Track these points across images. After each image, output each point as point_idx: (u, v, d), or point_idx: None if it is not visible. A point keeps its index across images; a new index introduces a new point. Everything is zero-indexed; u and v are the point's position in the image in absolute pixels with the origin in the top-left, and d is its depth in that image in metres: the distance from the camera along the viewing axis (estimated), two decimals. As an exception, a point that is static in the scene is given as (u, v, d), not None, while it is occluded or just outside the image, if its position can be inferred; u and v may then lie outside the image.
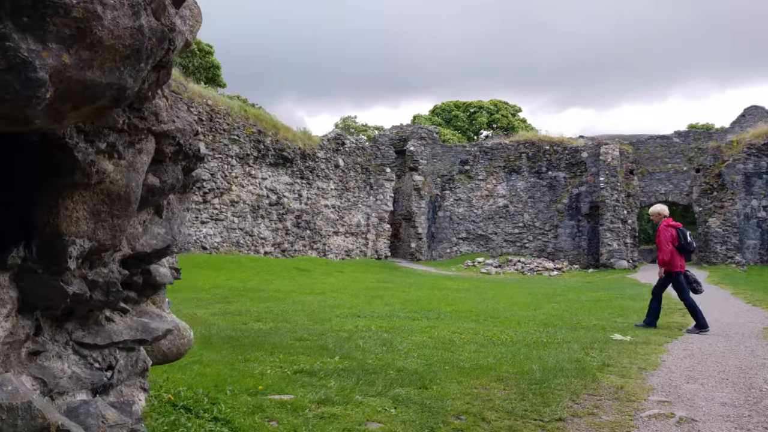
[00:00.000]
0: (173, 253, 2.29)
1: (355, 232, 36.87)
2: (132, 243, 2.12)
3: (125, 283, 2.28)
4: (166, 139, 1.93)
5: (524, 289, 19.84)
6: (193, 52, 42.89)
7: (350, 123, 76.48)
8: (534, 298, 16.13)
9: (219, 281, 16.85)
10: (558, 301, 15.22)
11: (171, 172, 2.02)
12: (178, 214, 2.28)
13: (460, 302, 13.93)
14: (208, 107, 24.91)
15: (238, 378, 4.87)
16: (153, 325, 2.20)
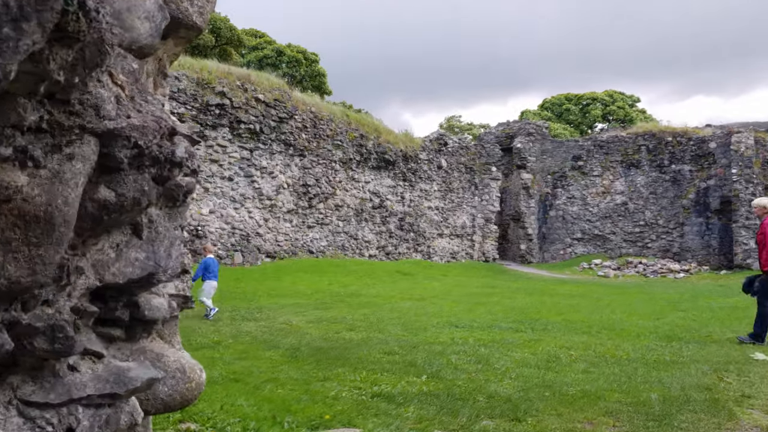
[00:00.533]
0: (160, 282, 1.84)
1: (461, 233, 36.03)
2: (100, 272, 1.69)
3: (107, 320, 1.86)
4: (118, 141, 1.47)
5: (645, 294, 18.16)
6: (300, 61, 44.07)
7: (455, 122, 75.52)
8: (656, 306, 14.60)
9: (321, 286, 16.83)
10: (685, 309, 13.65)
11: (132, 183, 1.56)
12: (166, 233, 1.83)
13: (571, 310, 12.84)
14: (311, 114, 25.25)
15: (306, 404, 4.45)
16: (132, 373, 1.76)
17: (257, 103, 21.95)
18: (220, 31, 34.81)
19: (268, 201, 22.80)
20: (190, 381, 2.10)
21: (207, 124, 20.21)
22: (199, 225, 19.96)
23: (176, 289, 2.20)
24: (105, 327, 1.85)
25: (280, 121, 22.90)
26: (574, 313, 12.31)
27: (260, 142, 22.22)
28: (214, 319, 10.24)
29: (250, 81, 22.23)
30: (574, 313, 12.19)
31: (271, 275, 18.48)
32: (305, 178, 24.61)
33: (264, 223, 22.76)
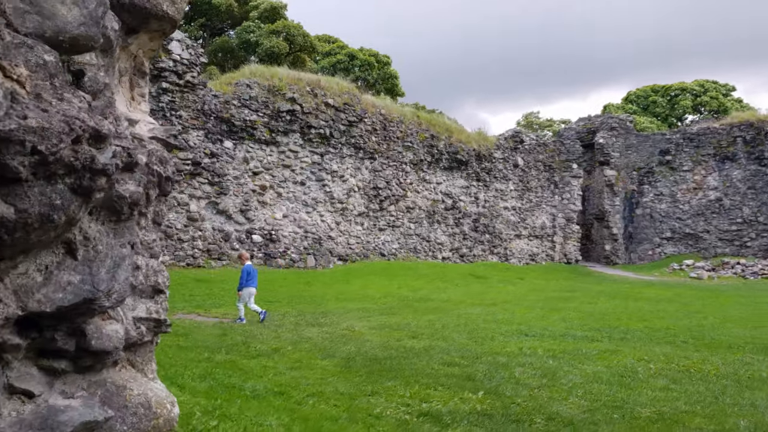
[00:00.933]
0: (103, 309, 1.58)
1: (540, 234, 34.80)
2: (23, 299, 1.46)
3: (50, 350, 1.63)
4: (9, 146, 1.22)
5: (743, 298, 16.66)
6: (372, 64, 44.19)
7: (533, 119, 73.41)
8: (755, 311, 13.31)
9: (390, 289, 16.58)
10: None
11: (38, 196, 1.31)
12: (109, 252, 1.58)
13: (655, 317, 11.90)
14: (381, 116, 25.13)
15: (344, 424, 4.16)
16: (66, 415, 1.52)
17: (327, 108, 22.05)
18: (293, 38, 35.44)
19: (339, 204, 22.85)
20: (156, 417, 1.84)
21: (278, 130, 20.49)
22: (273, 229, 20.25)
23: (147, 311, 1.95)
24: (47, 359, 1.62)
25: (350, 124, 22.90)
26: (659, 319, 11.38)
27: (330, 146, 22.30)
28: (276, 324, 10.19)
29: (320, 86, 22.37)
30: (658, 320, 11.26)
31: (341, 278, 18.43)
32: (376, 180, 24.50)
33: (335, 226, 22.83)
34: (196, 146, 18.06)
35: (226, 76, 21.06)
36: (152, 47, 2.11)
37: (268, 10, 36.44)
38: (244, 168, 19.76)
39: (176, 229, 17.35)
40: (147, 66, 2.13)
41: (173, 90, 17.35)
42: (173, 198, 17.34)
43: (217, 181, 18.73)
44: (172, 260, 17.02)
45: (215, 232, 18.67)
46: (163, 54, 16.68)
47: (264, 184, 20.21)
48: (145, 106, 2.15)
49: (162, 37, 2.09)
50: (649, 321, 11.11)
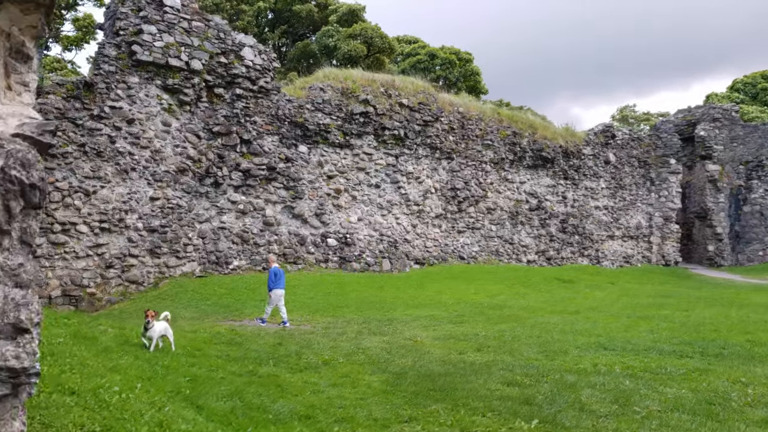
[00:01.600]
0: None
1: (635, 235, 32.65)
2: None
3: None
4: None
5: None
6: (453, 62, 43.40)
7: (629, 113, 69.56)
8: None
9: (466, 295, 15.88)
10: None
11: None
12: None
13: (761, 329, 10.51)
14: (458, 115, 24.40)
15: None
16: None
17: (401, 108, 21.64)
18: (371, 40, 35.36)
19: (415, 206, 22.36)
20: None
21: (352, 132, 20.30)
22: (348, 233, 20.08)
23: (2, 358, 1.54)
24: None
25: (425, 124, 22.35)
26: (765, 332, 10.01)
27: (405, 147, 21.86)
28: (338, 332, 9.84)
29: (394, 86, 21.99)
30: (764, 333, 9.91)
31: (416, 283, 17.92)
32: (453, 181, 23.80)
33: (412, 229, 22.36)
34: (270, 151, 18.19)
35: (301, 80, 21.17)
36: (30, 23, 1.72)
37: (346, 14, 36.60)
38: (319, 172, 19.72)
39: (252, 233, 17.53)
40: (30, 48, 1.73)
41: (247, 96, 17.55)
42: (249, 203, 17.55)
43: (292, 186, 18.78)
44: (248, 264, 17.22)
45: (291, 237, 18.73)
46: (235, 60, 16.90)
47: (338, 188, 20.09)
48: (27, 97, 1.76)
49: (38, 9, 1.69)
50: (753, 334, 9.79)
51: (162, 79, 15.35)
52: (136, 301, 13.82)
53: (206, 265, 16.22)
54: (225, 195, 17.07)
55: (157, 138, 15.31)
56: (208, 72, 16.42)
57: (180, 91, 15.69)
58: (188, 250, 15.73)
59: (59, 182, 13.41)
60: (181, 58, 15.45)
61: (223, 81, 16.92)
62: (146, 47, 14.82)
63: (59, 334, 6.31)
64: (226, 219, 16.99)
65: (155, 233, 15.06)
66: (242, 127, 17.37)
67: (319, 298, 14.17)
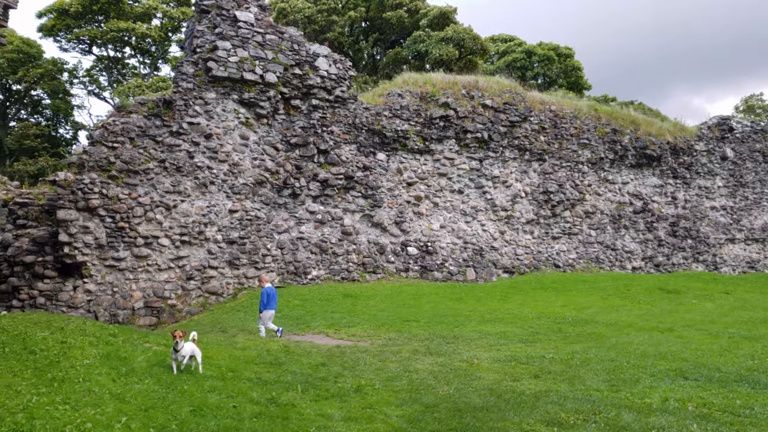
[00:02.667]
0: None
1: (761, 237, 29.35)
2: None
3: None
4: None
5: None
6: (551, 58, 41.47)
7: (755, 102, 63.17)
8: None
9: (552, 308, 14.78)
10: None
11: None
12: None
13: None
14: (551, 113, 23.07)
15: None
16: None
17: (484, 110, 20.76)
18: (463, 42, 34.50)
19: (503, 212, 21.35)
20: None
21: (432, 138, 19.74)
22: (429, 241, 19.51)
23: None
24: None
25: (511, 125, 21.29)
26: None
27: (490, 150, 20.94)
28: (394, 350, 9.34)
29: (478, 87, 21.17)
30: None
31: (499, 294, 17.00)
32: (546, 184, 22.48)
33: (500, 236, 21.36)
34: (348, 160, 18.07)
35: (380, 87, 20.93)
36: None
37: (437, 17, 36.03)
38: (398, 179, 19.34)
39: (331, 243, 17.46)
40: None
41: (324, 106, 17.55)
42: (327, 213, 17.51)
43: (370, 194, 18.55)
44: (327, 274, 17.17)
45: (370, 245, 18.49)
46: (310, 71, 16.94)
47: (419, 195, 19.59)
48: None
49: None
50: None
51: (238, 93, 15.67)
52: (214, 312, 14.13)
53: (285, 275, 16.34)
54: (303, 205, 17.14)
55: (235, 151, 15.63)
56: (284, 84, 16.57)
57: (256, 104, 15.95)
58: (267, 260, 15.92)
59: (141, 197, 14.01)
60: (255, 71, 15.69)
61: (299, 92, 17.02)
62: (221, 63, 15.19)
63: (90, 355, 6.33)
64: (304, 229, 17.05)
65: (234, 245, 15.37)
66: (319, 137, 17.37)
67: (390, 311, 13.76)
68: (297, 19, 34.89)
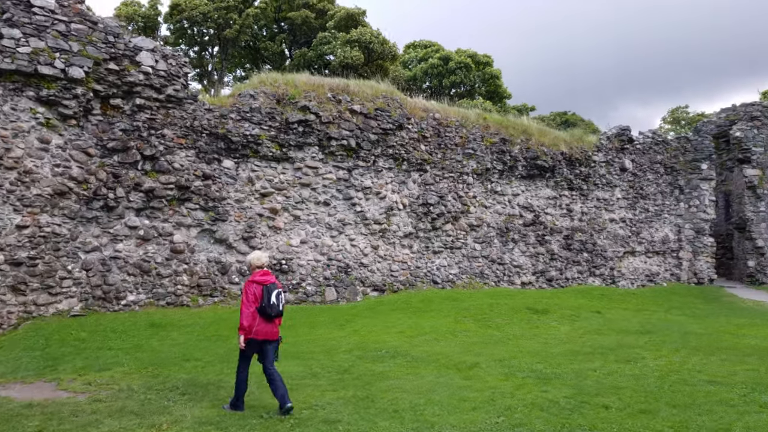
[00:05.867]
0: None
1: (661, 250, 28.80)
2: None
3: None
4: None
5: None
6: (469, 66, 40.56)
7: (681, 115, 64.18)
8: None
9: (381, 337, 13.23)
10: None
11: None
12: None
13: (708, 398, 7.48)
14: (434, 121, 21.74)
15: None
16: None
17: (353, 116, 19.21)
18: (371, 46, 33.10)
19: (376, 225, 19.81)
20: None
21: (290, 144, 18.05)
22: (285, 258, 17.77)
23: None
24: None
25: (384, 133, 19.82)
26: (717, 409, 6.95)
27: (360, 159, 19.39)
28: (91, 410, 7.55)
29: (348, 91, 19.61)
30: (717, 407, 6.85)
31: (344, 318, 15.40)
32: (426, 195, 21.09)
33: (372, 251, 19.80)
34: (183, 168, 16.17)
35: (236, 87, 19.14)
36: None
37: (344, 19, 34.56)
38: (249, 189, 17.56)
39: (156, 263, 15.50)
40: None
41: (153, 107, 15.63)
42: (153, 228, 15.58)
43: (212, 206, 16.70)
44: (149, 299, 15.19)
45: (210, 264, 16.62)
46: (130, 66, 15.01)
47: (275, 207, 17.85)
48: None
49: None
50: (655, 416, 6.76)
51: (35, 89, 13.62)
52: (-16, 346, 12.00)
53: (90, 301, 14.28)
54: (122, 219, 15.13)
55: (30, 157, 13.56)
56: (97, 81, 14.58)
57: (59, 103, 13.91)
58: (66, 284, 13.85)
59: None
60: (55, 65, 13.67)
61: (120, 90, 15.05)
62: (7, 54, 13.13)
63: None
64: (121, 247, 15.04)
65: (21, 266, 13.27)
66: (145, 141, 15.43)
67: (185, 346, 11.93)
68: (192, 16, 32.83)
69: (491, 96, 42.10)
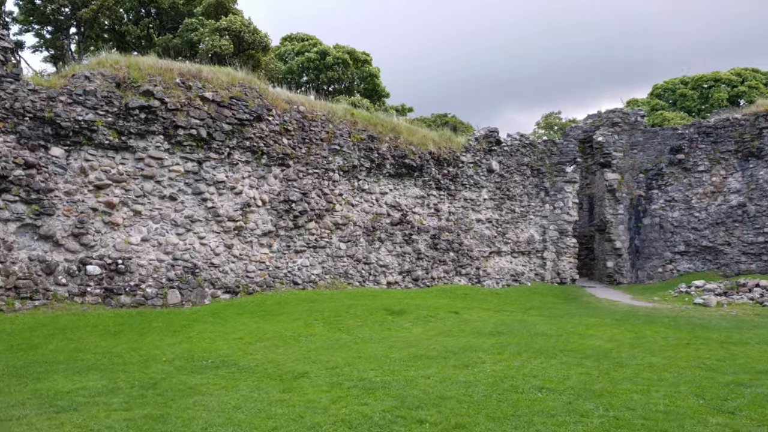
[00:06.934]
0: None
1: (526, 250, 29.64)
2: None
3: None
4: None
5: (733, 347, 11.40)
6: (347, 62, 39.93)
7: (553, 120, 67.68)
8: (737, 376, 8.18)
9: (211, 345, 12.07)
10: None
11: None
12: None
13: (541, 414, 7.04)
14: (298, 114, 20.72)
15: None
16: None
17: (204, 103, 17.78)
18: (241, 35, 31.45)
19: (230, 223, 18.48)
20: None
21: (131, 132, 16.32)
22: (122, 257, 16.02)
23: None
24: None
25: (241, 123, 18.54)
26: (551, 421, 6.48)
27: (212, 150, 17.99)
28: None
29: (200, 77, 18.14)
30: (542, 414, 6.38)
31: (181, 324, 14.00)
32: (288, 192, 20.04)
33: (226, 250, 18.46)
34: (0, 154, 14.04)
35: (70, 67, 17.09)
36: None
37: (213, 5, 32.64)
38: (82, 181, 15.66)
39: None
40: None
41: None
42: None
43: (35, 199, 14.67)
44: (-57, 304, 12.98)
45: (32, 264, 14.59)
46: None
47: (111, 201, 16.04)
48: None
49: None
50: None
51: None
52: None
53: None
54: None
55: None
56: None
57: None
58: None
59: None
60: None
61: None
62: None
63: None
64: None
65: None
66: (-58, 122, 13.19)
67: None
68: None
69: (370, 94, 41.77)
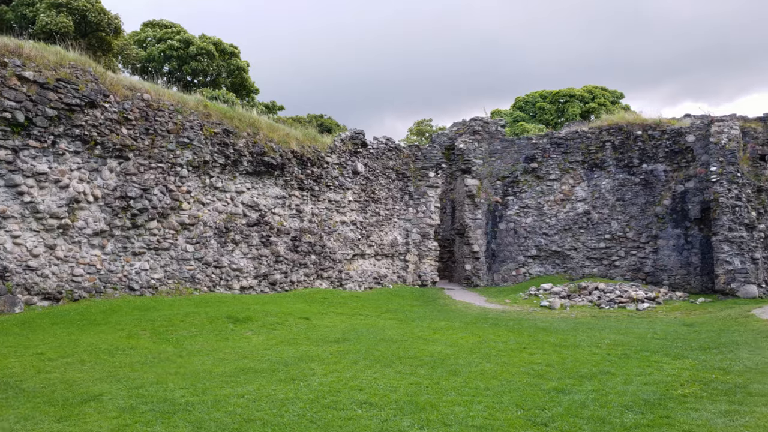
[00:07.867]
0: None
1: (390, 253, 29.54)
2: None
3: None
4: None
5: (569, 349, 11.55)
6: (212, 54, 37.84)
7: (425, 127, 69.29)
8: (559, 381, 8.01)
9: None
10: (596, 389, 7.11)
11: None
12: None
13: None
14: (142, 102, 18.86)
15: None
16: None
17: (23, 84, 15.55)
18: (85, 14, 28.52)
19: (53, 220, 16.32)
20: None
21: None
22: None
23: None
24: None
25: (69, 109, 16.47)
26: None
27: (31, 138, 15.78)
28: None
29: (21, 54, 15.85)
30: None
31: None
32: (126, 187, 18.15)
33: (47, 251, 16.27)
34: None
35: None
36: None
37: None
38: None
39: None
40: None
41: None
42: None
43: None
44: None
45: None
46: None
47: None
48: None
49: None
50: None
51: None
52: None
53: None
54: None
55: None
56: None
57: None
58: None
59: None
60: None
61: None
62: None
63: None
64: None
65: None
66: None
67: None
68: None
69: (237, 89, 39.93)
